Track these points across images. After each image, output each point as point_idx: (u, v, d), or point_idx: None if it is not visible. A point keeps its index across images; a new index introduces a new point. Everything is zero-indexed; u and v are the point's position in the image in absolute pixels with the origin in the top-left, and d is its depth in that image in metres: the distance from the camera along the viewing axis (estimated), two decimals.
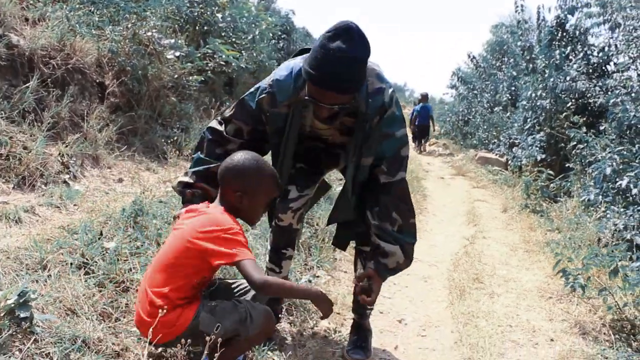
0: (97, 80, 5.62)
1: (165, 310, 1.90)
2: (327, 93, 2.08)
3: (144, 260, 2.74)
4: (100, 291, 2.46)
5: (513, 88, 12.64)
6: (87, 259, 2.65)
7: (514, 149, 10.00)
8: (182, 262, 1.99)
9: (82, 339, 2.05)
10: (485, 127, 13.15)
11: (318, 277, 3.64)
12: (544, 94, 9.07)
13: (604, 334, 3.27)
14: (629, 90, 6.58)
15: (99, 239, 2.87)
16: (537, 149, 8.68)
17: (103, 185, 4.35)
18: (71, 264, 2.56)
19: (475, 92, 15.52)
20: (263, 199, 2.19)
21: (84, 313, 2.26)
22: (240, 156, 2.16)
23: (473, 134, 14.66)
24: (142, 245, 2.94)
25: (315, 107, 2.24)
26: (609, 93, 7.13)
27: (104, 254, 2.73)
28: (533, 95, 9.42)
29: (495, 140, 12.03)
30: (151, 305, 1.96)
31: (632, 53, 7.70)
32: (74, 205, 3.61)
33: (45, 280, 2.40)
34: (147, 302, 1.97)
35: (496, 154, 11.48)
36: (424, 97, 14.31)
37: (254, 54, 9.94)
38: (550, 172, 7.52)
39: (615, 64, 8.35)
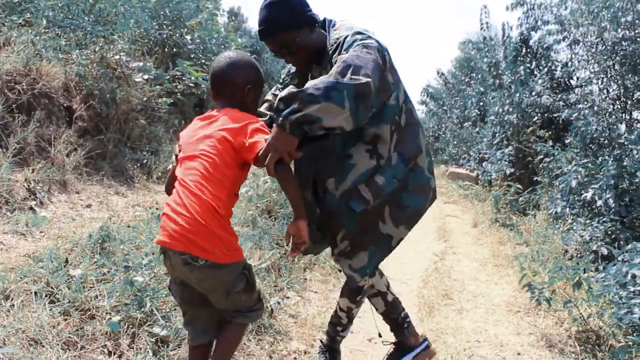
0: (65, 105, 5.58)
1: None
2: (266, 43, 2.24)
3: (111, 286, 2.72)
4: (66, 320, 2.44)
5: (481, 103, 12.85)
6: (52, 287, 2.63)
7: (483, 164, 10.15)
8: (217, 167, 1.93)
9: None
10: (455, 142, 13.34)
11: (288, 298, 3.64)
12: (510, 109, 9.23)
13: (570, 345, 3.33)
14: (591, 104, 6.74)
15: (64, 266, 2.85)
16: (506, 163, 8.82)
17: (71, 211, 4.32)
18: (35, 292, 2.54)
19: (445, 108, 15.74)
20: (259, 90, 2.20)
21: (48, 343, 2.25)
22: (230, 54, 2.19)
23: (443, 150, 14.86)
24: (108, 272, 2.92)
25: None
26: (572, 107, 7.29)
27: (69, 282, 2.71)
28: (500, 110, 9.58)
29: (466, 156, 12.20)
30: (207, 212, 1.86)
31: (593, 68, 7.90)
32: (40, 232, 3.57)
33: (7, 311, 2.38)
34: (202, 209, 1.86)
35: (467, 169, 11.64)
36: None
37: None
38: (519, 185, 7.64)
39: (577, 78, 8.55)
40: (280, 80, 2.58)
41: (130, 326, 2.50)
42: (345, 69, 1.98)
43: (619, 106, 7.80)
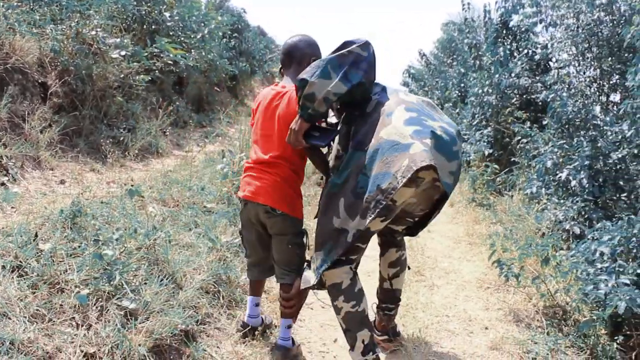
0: (39, 80, 5.52)
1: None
2: None
3: (81, 260, 2.72)
4: (34, 293, 2.44)
5: (462, 85, 12.87)
6: (20, 261, 2.62)
7: (463, 145, 10.20)
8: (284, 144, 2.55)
9: (10, 340, 2.04)
10: None
11: None
12: (490, 90, 9.25)
13: (537, 320, 3.40)
14: (567, 85, 6.80)
15: (34, 240, 2.83)
16: (485, 144, 8.86)
17: (44, 187, 4.29)
18: (3, 266, 2.53)
19: (426, 89, 15.74)
20: None
21: (14, 315, 2.25)
22: (300, 34, 2.76)
23: None
24: (79, 246, 2.91)
25: None
26: (549, 89, 7.34)
27: (38, 256, 2.70)
28: (480, 91, 9.60)
29: None
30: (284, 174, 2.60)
31: (572, 50, 7.95)
32: (12, 207, 3.55)
33: None
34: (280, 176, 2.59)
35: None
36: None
37: (204, 53, 9.90)
38: (496, 166, 7.70)
39: (556, 60, 8.60)
40: None
41: (99, 299, 2.50)
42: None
43: (595, 88, 7.88)
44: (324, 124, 2.66)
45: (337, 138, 2.62)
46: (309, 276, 2.51)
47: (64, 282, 2.57)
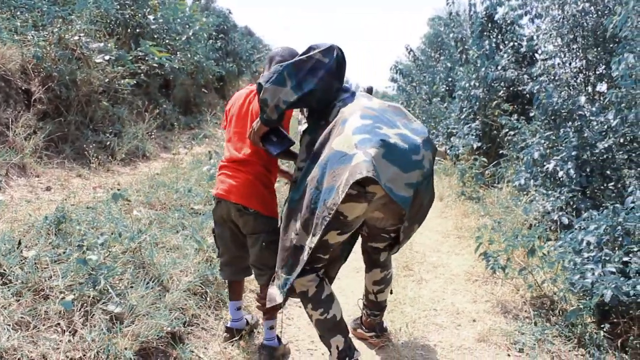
0: (23, 87, 5.49)
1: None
2: None
3: (66, 266, 2.71)
4: (18, 300, 2.43)
5: (449, 79, 12.90)
6: (4, 269, 2.61)
7: (451, 139, 10.21)
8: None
9: None
10: (424, 118, 13.39)
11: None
12: (477, 84, 9.28)
13: (525, 311, 3.42)
14: (553, 77, 6.83)
15: (17, 248, 2.82)
16: (473, 137, 8.89)
17: (29, 194, 4.27)
18: None
19: (414, 84, 15.76)
20: None
21: None
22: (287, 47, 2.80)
23: None
24: (64, 252, 2.90)
25: None
26: (535, 80, 7.37)
27: (22, 263, 2.69)
28: (467, 85, 9.63)
29: (434, 131, 12.26)
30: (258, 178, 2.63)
31: (557, 41, 7.98)
32: None
33: None
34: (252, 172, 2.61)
35: (435, 144, 11.70)
36: (369, 91, 14.38)
37: (189, 55, 9.88)
38: (484, 159, 7.73)
39: (542, 52, 8.62)
40: None
41: (84, 304, 2.50)
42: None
43: (582, 79, 7.92)
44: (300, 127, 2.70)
45: (302, 148, 2.52)
46: (275, 294, 2.44)
47: (48, 289, 2.56)
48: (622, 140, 5.55)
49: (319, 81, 2.36)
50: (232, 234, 2.73)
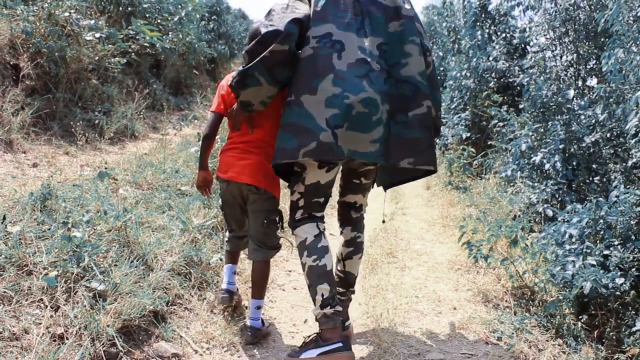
0: (11, 63, 5.44)
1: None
2: None
3: (50, 243, 2.71)
4: (1, 275, 2.43)
5: (442, 68, 12.91)
6: None
7: (441, 128, 10.24)
8: None
9: None
10: None
11: None
12: (468, 74, 9.30)
13: (505, 301, 3.46)
14: (544, 70, 6.85)
15: (2, 223, 2.82)
16: (463, 127, 8.92)
17: (15, 170, 4.25)
18: None
19: None
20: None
21: None
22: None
23: None
24: (49, 229, 2.90)
25: None
26: (525, 72, 7.40)
27: (7, 239, 2.69)
28: (458, 75, 9.65)
29: None
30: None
31: (549, 34, 8.00)
32: None
33: None
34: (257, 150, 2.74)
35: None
36: None
37: (181, 36, 9.81)
38: (472, 149, 7.77)
39: (534, 44, 8.64)
40: None
41: (68, 281, 2.50)
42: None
43: (572, 73, 7.95)
44: None
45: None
46: None
47: (32, 264, 2.56)
48: (608, 135, 5.61)
49: (290, 68, 2.48)
50: (242, 209, 2.88)
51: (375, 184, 3.03)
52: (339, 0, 2.58)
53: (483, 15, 9.61)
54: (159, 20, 9.22)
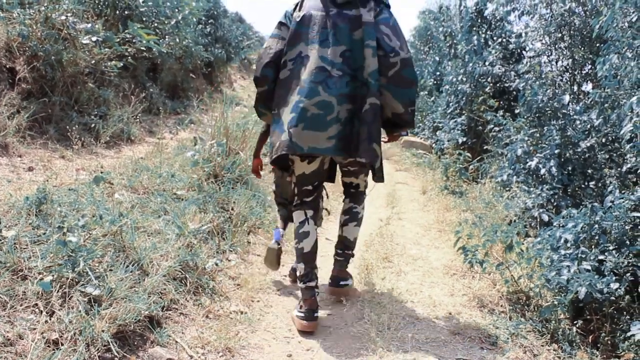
0: (7, 66, 5.44)
1: None
2: None
3: (45, 247, 2.71)
4: None
5: (438, 73, 12.94)
6: None
7: (437, 133, 10.26)
8: None
9: None
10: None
11: (230, 260, 3.69)
12: (464, 79, 9.34)
13: (501, 306, 3.47)
14: (539, 74, 6.88)
15: None
16: (459, 132, 8.94)
17: (11, 174, 4.24)
18: None
19: None
20: None
21: None
22: None
23: None
24: (44, 233, 2.90)
25: None
26: (521, 77, 7.43)
27: (2, 243, 2.68)
28: (455, 80, 9.68)
29: (420, 124, 12.31)
30: None
31: (545, 39, 8.03)
32: None
33: None
34: None
35: (421, 138, 11.77)
36: None
37: (178, 40, 9.82)
38: (468, 154, 7.78)
39: (530, 49, 8.68)
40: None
41: (63, 286, 2.50)
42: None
43: (568, 78, 7.98)
44: None
45: None
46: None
47: (27, 269, 2.56)
48: (604, 140, 5.63)
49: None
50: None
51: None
52: (310, 19, 3.03)
53: (479, 21, 9.65)
54: (155, 24, 9.22)
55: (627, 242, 3.65)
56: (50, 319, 2.32)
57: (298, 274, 3.08)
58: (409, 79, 3.02)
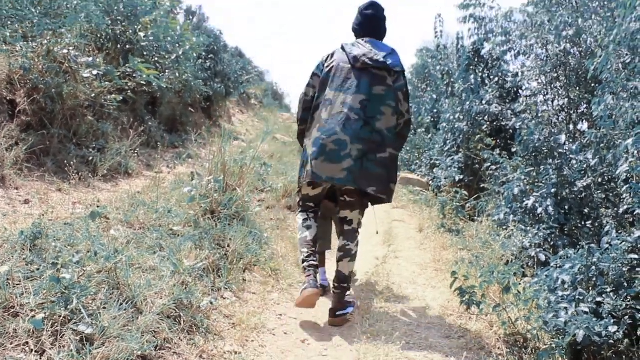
0: (7, 98, 5.46)
1: None
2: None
3: (38, 284, 2.68)
4: None
5: (435, 110, 13.04)
6: None
7: (434, 170, 10.28)
8: None
9: None
10: (408, 148, 13.49)
11: (225, 298, 3.65)
12: (461, 117, 9.40)
13: (498, 348, 3.42)
14: (536, 114, 6.94)
15: None
16: (456, 170, 8.96)
17: (7, 207, 4.22)
18: None
19: None
20: None
21: None
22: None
23: None
24: (37, 269, 2.87)
25: None
26: (518, 116, 7.49)
27: None
28: (452, 117, 9.74)
29: (418, 162, 12.35)
30: None
31: (541, 79, 8.13)
32: None
33: None
34: None
35: (418, 175, 11.79)
36: None
37: (178, 74, 9.90)
38: (465, 192, 7.78)
39: (526, 88, 8.77)
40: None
41: (55, 324, 2.46)
42: None
43: (564, 117, 8.05)
44: None
45: None
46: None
47: (19, 306, 2.53)
48: (600, 180, 5.64)
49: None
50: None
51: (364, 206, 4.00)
52: (337, 69, 3.76)
53: (476, 60, 9.76)
54: (156, 58, 9.31)
55: (625, 284, 3.62)
56: (40, 359, 2.29)
57: (300, 256, 3.82)
58: (405, 135, 3.98)
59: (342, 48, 3.84)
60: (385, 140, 3.68)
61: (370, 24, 3.90)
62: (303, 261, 3.76)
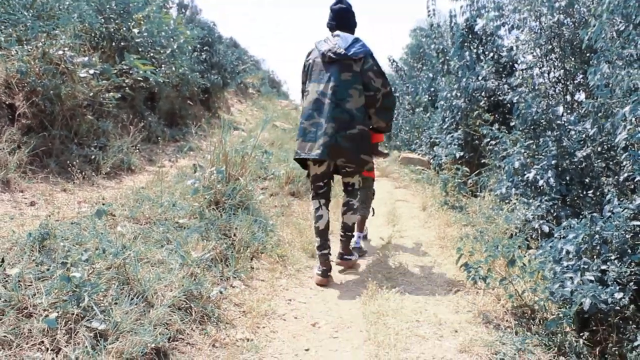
0: (6, 102, 5.49)
1: None
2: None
3: (49, 284, 2.73)
4: (0, 319, 2.44)
5: (432, 89, 13.01)
6: None
7: (434, 148, 10.29)
8: None
9: None
10: (407, 128, 13.49)
11: (234, 287, 3.70)
12: (458, 94, 9.39)
13: (506, 321, 3.47)
14: (532, 87, 6.94)
15: (0, 265, 2.83)
16: (456, 147, 8.96)
17: (13, 210, 4.27)
18: None
19: (397, 94, 15.88)
20: None
21: None
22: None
23: (396, 136, 15.00)
24: (48, 269, 2.92)
25: None
26: (515, 90, 7.48)
27: (6, 281, 2.70)
28: (449, 95, 9.73)
29: (417, 141, 12.36)
30: None
31: (536, 52, 8.11)
32: None
33: None
34: None
35: (419, 154, 11.81)
36: None
37: (174, 68, 9.90)
38: (466, 168, 7.80)
39: (521, 62, 8.76)
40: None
41: (68, 322, 2.51)
42: None
43: (560, 88, 8.05)
44: None
45: None
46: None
47: (32, 307, 2.57)
48: (599, 149, 5.66)
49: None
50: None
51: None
52: (314, 63, 4.41)
53: (470, 36, 9.72)
54: (151, 54, 9.30)
55: (629, 251, 3.66)
56: (57, 356, 2.34)
57: (315, 244, 4.41)
58: (389, 105, 4.43)
59: (316, 46, 4.45)
60: (355, 119, 4.23)
61: (340, 18, 4.50)
62: (317, 249, 4.39)
